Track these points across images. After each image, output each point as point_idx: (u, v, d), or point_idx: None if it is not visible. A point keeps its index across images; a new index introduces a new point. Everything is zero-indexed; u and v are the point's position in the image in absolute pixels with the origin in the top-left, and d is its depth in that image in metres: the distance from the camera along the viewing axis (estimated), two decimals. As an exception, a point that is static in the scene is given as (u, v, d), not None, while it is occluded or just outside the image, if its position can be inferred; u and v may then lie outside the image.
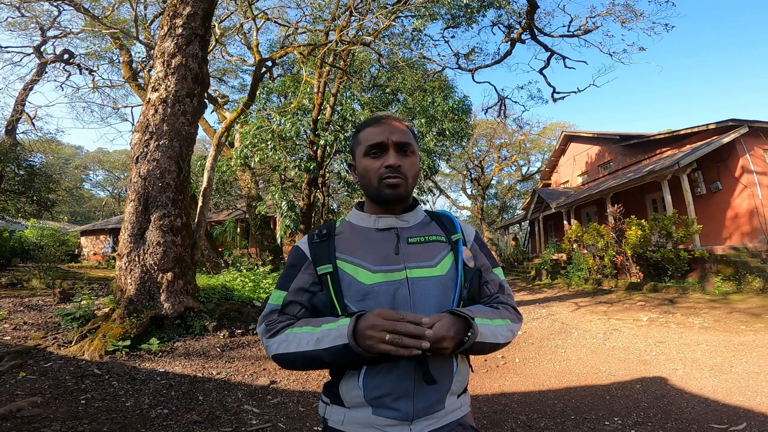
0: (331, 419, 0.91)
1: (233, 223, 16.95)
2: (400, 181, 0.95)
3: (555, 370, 4.40)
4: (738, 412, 3.03)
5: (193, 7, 5.39)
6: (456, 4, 10.82)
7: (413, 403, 0.86)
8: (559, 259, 14.59)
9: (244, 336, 5.23)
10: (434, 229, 1.02)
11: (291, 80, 12.13)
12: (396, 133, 0.97)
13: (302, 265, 0.97)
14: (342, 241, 0.98)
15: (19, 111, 14.44)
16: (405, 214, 1.01)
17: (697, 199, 11.04)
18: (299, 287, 0.96)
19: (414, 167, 0.99)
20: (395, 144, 0.96)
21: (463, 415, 0.94)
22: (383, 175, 0.95)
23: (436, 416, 0.89)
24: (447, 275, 0.94)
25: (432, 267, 0.93)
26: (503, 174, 33.12)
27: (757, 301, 7.28)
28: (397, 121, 1.00)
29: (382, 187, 0.95)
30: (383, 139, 0.95)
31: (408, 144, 0.97)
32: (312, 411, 3.28)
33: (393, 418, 0.86)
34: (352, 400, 0.88)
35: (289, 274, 0.98)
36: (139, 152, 5.05)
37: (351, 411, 0.88)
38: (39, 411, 2.83)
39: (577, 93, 14.03)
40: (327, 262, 0.94)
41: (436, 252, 0.96)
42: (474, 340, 0.84)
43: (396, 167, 0.94)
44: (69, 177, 31.50)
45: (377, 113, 1.06)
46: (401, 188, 0.95)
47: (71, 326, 4.96)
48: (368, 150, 0.97)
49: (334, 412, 0.90)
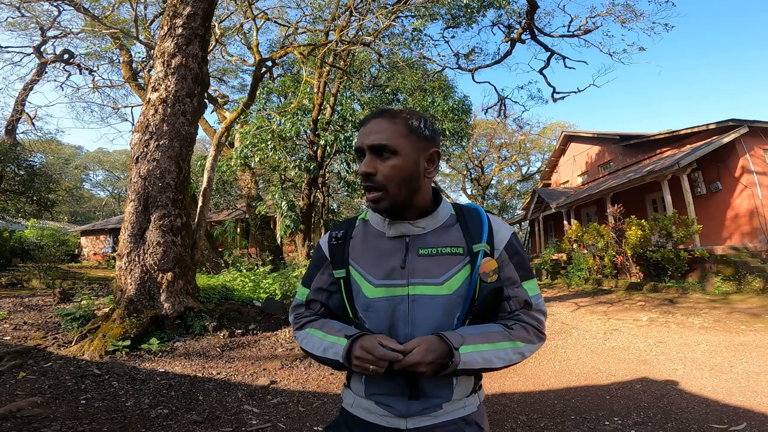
0: (345, 401, 0.99)
1: (233, 223, 16.95)
2: (376, 195, 0.85)
3: (555, 370, 4.40)
4: (738, 412, 3.03)
5: (193, 7, 5.39)
6: (456, 4, 10.83)
7: (407, 404, 0.89)
8: (559, 259, 14.59)
9: (244, 336, 5.23)
10: (454, 236, 0.91)
11: (291, 80, 12.13)
12: (371, 135, 0.86)
13: (322, 266, 1.01)
14: (355, 247, 0.97)
15: (19, 111, 14.44)
16: (420, 219, 0.91)
17: (697, 199, 11.04)
18: (319, 287, 1.01)
19: (395, 171, 0.85)
20: (369, 147, 0.86)
21: (469, 413, 0.91)
22: (363, 184, 0.88)
23: (436, 414, 0.89)
24: (454, 294, 0.87)
25: (438, 285, 0.87)
26: (503, 174, 33.20)
27: (757, 301, 7.28)
28: (382, 117, 0.88)
29: (367, 200, 0.89)
30: (359, 144, 0.88)
31: (383, 146, 0.84)
32: (312, 411, 3.28)
33: (389, 412, 0.90)
34: (357, 390, 0.96)
35: (311, 274, 1.03)
36: (139, 152, 5.05)
37: (358, 397, 0.95)
38: (39, 411, 2.82)
39: (577, 93, 14.06)
40: (341, 267, 0.96)
41: (446, 267, 0.88)
42: (455, 368, 0.81)
43: (366, 175, 0.85)
44: (69, 177, 31.51)
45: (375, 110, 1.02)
46: (382, 203, 0.86)
47: (71, 326, 4.96)
48: (356, 156, 0.93)
49: (348, 394, 0.98)
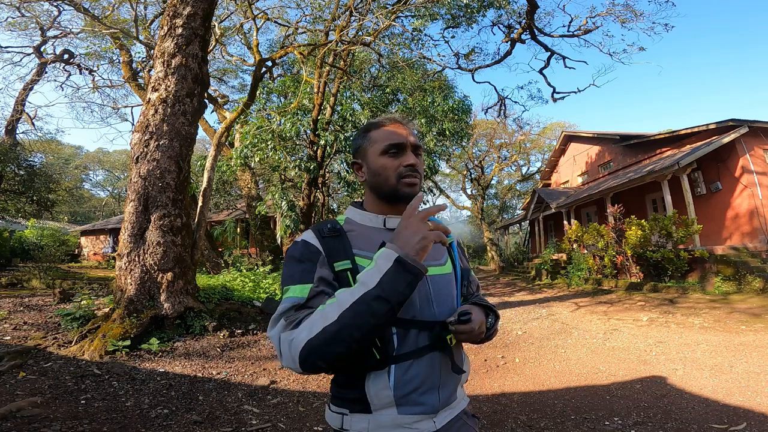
0: (353, 428, 0.87)
1: (233, 223, 16.94)
2: (417, 180, 1.00)
3: (555, 370, 4.40)
4: (738, 412, 3.03)
5: (193, 7, 5.39)
6: (456, 4, 10.82)
7: (438, 395, 0.91)
8: (559, 259, 14.59)
9: (244, 336, 5.23)
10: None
11: (291, 80, 12.11)
12: (413, 135, 1.04)
13: (317, 260, 0.89)
14: (356, 238, 0.95)
15: (19, 111, 14.43)
16: None
17: (697, 199, 11.03)
18: (324, 277, 0.87)
19: (422, 166, 1.06)
20: (412, 145, 1.02)
21: (467, 404, 1.03)
22: (403, 173, 0.98)
23: (452, 406, 0.96)
24: (452, 273, 1.03)
25: (442, 265, 1.01)
26: (503, 174, 33.15)
27: (757, 301, 7.28)
28: (409, 123, 1.07)
29: (401, 186, 0.98)
30: (403, 140, 1.00)
31: (420, 147, 1.05)
32: (312, 411, 3.28)
33: (419, 413, 0.88)
34: (380, 401, 0.86)
35: (306, 268, 0.88)
36: (139, 152, 5.05)
37: (375, 415, 0.86)
38: (39, 411, 2.82)
39: (577, 93, 14.05)
40: (345, 258, 0.90)
41: (441, 251, 1.04)
42: (496, 325, 0.99)
43: (415, 166, 1.00)
44: (69, 177, 31.50)
45: (387, 114, 1.13)
46: (416, 187, 1.01)
47: (71, 326, 4.96)
48: (387, 149, 0.99)
49: (357, 420, 0.87)
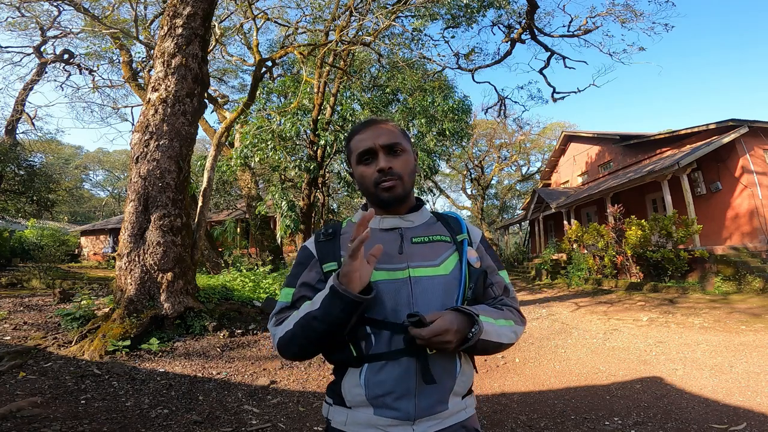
0: (333, 420, 0.91)
1: (233, 223, 16.94)
2: (394, 182, 0.96)
3: (555, 370, 4.40)
4: (738, 412, 3.03)
5: (193, 7, 5.39)
6: (456, 4, 10.82)
7: (415, 402, 0.85)
8: (559, 259, 14.58)
9: (244, 336, 5.23)
10: (439, 229, 1.03)
11: (291, 80, 12.11)
12: (382, 136, 0.98)
13: (309, 264, 0.99)
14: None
15: (19, 111, 14.43)
16: (409, 214, 1.02)
17: (697, 199, 11.03)
18: (306, 282, 0.97)
19: (407, 165, 0.99)
20: (383, 147, 0.97)
21: (467, 417, 0.93)
22: (377, 180, 0.96)
23: (439, 417, 0.88)
24: (451, 275, 0.94)
25: (435, 266, 0.94)
26: (503, 174, 33.17)
27: (757, 301, 7.28)
28: (383, 123, 1.01)
29: (379, 192, 0.96)
30: (371, 145, 0.97)
31: (396, 144, 0.98)
32: (312, 411, 3.28)
33: (394, 417, 0.85)
34: (353, 399, 0.88)
35: (296, 273, 0.99)
36: (139, 152, 5.05)
37: (353, 411, 0.89)
38: (39, 411, 2.82)
39: (577, 93, 14.07)
40: (333, 260, 0.95)
41: (440, 251, 0.97)
42: (478, 336, 0.84)
43: (387, 170, 0.96)
44: (69, 177, 31.49)
45: (367, 117, 1.10)
46: (397, 189, 0.97)
47: (71, 326, 4.96)
48: (359, 158, 0.99)
49: (337, 412, 0.91)
